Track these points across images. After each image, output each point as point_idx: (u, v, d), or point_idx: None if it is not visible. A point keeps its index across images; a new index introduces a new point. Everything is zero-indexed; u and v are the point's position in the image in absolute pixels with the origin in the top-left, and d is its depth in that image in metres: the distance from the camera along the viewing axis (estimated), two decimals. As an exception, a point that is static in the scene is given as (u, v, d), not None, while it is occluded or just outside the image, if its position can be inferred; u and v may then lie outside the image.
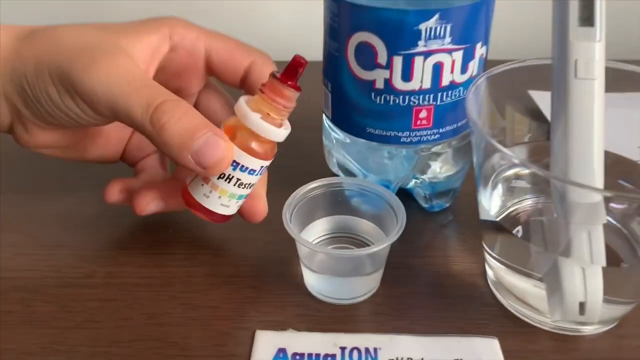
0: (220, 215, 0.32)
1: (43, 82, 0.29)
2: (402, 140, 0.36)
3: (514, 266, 0.32)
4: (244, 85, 0.34)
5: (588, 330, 0.32)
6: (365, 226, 0.37)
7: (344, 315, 0.33)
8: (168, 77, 0.34)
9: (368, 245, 0.37)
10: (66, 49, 0.29)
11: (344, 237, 0.38)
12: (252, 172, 0.31)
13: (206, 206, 0.32)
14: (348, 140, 0.39)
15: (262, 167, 0.31)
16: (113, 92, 0.28)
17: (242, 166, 0.30)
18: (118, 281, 0.35)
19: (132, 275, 0.36)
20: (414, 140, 0.36)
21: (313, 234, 0.37)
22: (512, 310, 0.33)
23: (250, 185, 0.32)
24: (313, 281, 0.34)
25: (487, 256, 0.34)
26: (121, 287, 0.35)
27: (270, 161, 0.32)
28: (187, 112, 0.29)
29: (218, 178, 0.31)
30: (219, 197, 0.31)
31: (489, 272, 0.35)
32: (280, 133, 0.31)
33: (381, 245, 0.32)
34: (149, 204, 0.35)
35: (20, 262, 0.37)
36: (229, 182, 0.31)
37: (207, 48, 0.33)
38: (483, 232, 0.35)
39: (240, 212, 0.34)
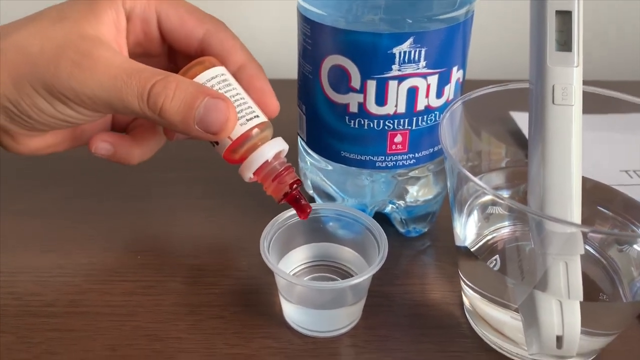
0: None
1: (29, 97, 0.28)
2: (377, 164, 0.35)
3: (489, 296, 0.31)
4: (206, 54, 0.33)
5: (567, 363, 0.31)
6: (346, 253, 0.36)
7: (315, 348, 0.32)
8: (130, 47, 0.33)
9: (349, 274, 0.36)
10: (39, 59, 0.28)
11: (324, 266, 0.37)
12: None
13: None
14: (323, 164, 0.38)
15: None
16: (104, 93, 0.28)
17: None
18: (80, 310, 0.34)
19: (95, 303, 0.34)
20: (389, 165, 0.35)
21: (292, 263, 0.36)
22: (489, 342, 0.32)
23: None
24: (292, 313, 0.33)
25: (463, 285, 0.33)
26: (83, 316, 0.34)
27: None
28: (179, 85, 0.28)
29: None
30: None
31: (466, 301, 0.34)
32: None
33: (363, 276, 0.31)
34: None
35: (-22, 289, 0.35)
36: None
37: (158, 14, 0.32)
38: (458, 260, 0.34)
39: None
